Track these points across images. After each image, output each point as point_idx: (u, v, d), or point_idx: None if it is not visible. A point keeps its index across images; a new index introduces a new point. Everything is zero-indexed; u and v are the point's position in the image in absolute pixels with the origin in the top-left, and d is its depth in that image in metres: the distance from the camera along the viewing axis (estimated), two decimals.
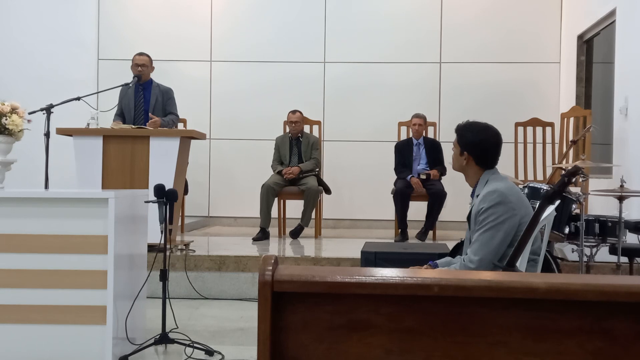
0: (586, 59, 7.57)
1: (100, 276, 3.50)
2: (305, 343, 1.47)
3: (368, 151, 8.14)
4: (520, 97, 8.05)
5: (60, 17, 8.25)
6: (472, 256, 2.98)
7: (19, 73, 8.08)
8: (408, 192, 6.75)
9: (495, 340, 1.45)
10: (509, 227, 2.95)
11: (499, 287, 1.43)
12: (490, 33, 8.12)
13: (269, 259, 1.48)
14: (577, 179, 5.17)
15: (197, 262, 5.41)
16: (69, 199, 3.59)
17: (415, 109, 7.29)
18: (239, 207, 8.18)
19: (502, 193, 2.97)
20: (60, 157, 5.86)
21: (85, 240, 3.53)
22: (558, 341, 1.44)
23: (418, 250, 4.69)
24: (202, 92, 8.31)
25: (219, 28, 8.34)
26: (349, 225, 8.18)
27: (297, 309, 1.47)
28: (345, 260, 5.38)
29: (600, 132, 6.89)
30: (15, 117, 3.94)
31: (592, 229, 4.73)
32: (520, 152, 7.20)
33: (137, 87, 6.16)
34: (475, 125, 3.14)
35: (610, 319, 1.44)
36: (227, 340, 4.17)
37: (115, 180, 5.35)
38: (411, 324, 1.46)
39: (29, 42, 8.20)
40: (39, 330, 3.53)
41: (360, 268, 1.70)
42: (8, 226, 3.54)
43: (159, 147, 5.39)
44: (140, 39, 8.06)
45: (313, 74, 8.24)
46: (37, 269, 3.53)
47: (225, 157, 8.31)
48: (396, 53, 8.18)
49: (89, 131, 5.46)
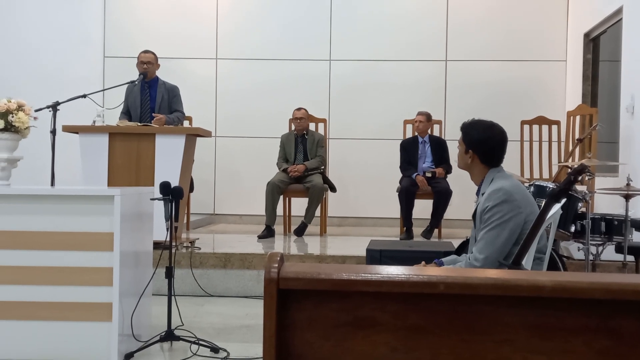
0: (592, 57, 7.55)
1: (106, 273, 3.51)
2: (311, 340, 1.47)
3: (373, 149, 8.14)
4: (526, 95, 8.03)
5: (66, 15, 8.27)
6: (477, 255, 2.97)
7: (25, 71, 8.10)
8: (413, 190, 6.74)
9: (501, 338, 1.45)
10: (515, 226, 2.95)
11: (505, 285, 1.43)
12: (497, 31, 8.10)
13: (275, 256, 1.48)
14: (583, 177, 5.16)
15: (203, 259, 5.41)
16: (75, 196, 3.59)
17: (421, 107, 7.28)
18: (244, 205, 8.19)
19: (507, 191, 2.96)
20: (66, 155, 5.87)
21: (91, 237, 3.53)
22: (564, 339, 1.44)
23: (423, 248, 4.67)
24: (207, 89, 8.31)
25: (225, 26, 8.34)
26: (354, 223, 8.17)
27: (303, 306, 1.47)
28: (350, 258, 5.38)
29: (606, 131, 6.87)
30: (21, 115, 3.94)
31: (598, 227, 4.72)
32: (526, 150, 7.19)
33: (143, 85, 6.16)
34: (480, 124, 3.13)
35: (616, 318, 1.43)
36: (232, 338, 4.17)
37: (121, 177, 5.35)
38: (417, 322, 1.46)
39: (35, 40, 8.22)
40: (45, 327, 3.54)
41: (366, 266, 1.71)
42: (14, 223, 3.55)
43: (164, 144, 5.40)
44: (146, 37, 8.07)
45: (319, 72, 8.24)
46: (43, 266, 3.54)
47: (230, 154, 8.32)
48: (402, 51, 8.16)
49: (95, 128, 5.47)
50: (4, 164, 3.95)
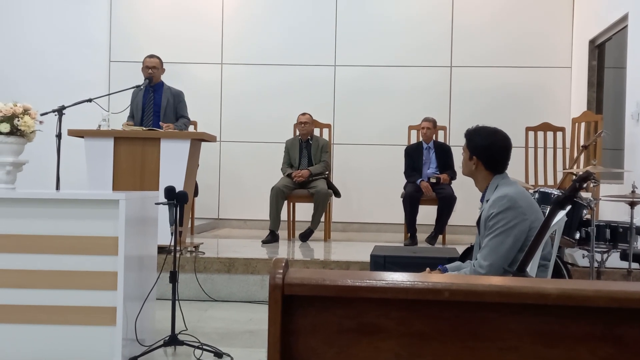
0: (598, 63, 7.54)
1: (111, 277, 3.51)
2: (315, 346, 1.47)
3: (378, 155, 8.14)
4: (531, 101, 8.03)
5: (72, 19, 8.30)
6: (482, 261, 2.97)
7: (30, 75, 8.13)
8: (418, 196, 6.74)
9: (505, 345, 1.44)
10: (519, 232, 2.94)
11: (510, 293, 1.43)
12: (502, 37, 8.11)
13: (280, 261, 1.48)
14: (588, 185, 5.15)
15: (207, 264, 5.42)
16: (80, 200, 3.60)
17: (426, 113, 7.28)
18: (248, 210, 8.20)
19: (511, 198, 2.96)
20: (71, 159, 5.88)
21: (95, 241, 3.54)
22: (569, 347, 1.43)
23: (427, 254, 4.67)
24: (212, 94, 8.33)
25: (230, 31, 8.36)
26: (358, 228, 8.17)
27: (307, 312, 1.47)
28: (354, 264, 5.38)
29: (611, 138, 6.86)
30: (27, 119, 3.96)
31: (603, 234, 4.70)
32: (531, 156, 7.18)
33: (148, 89, 6.18)
34: (484, 130, 3.13)
35: (621, 326, 1.43)
36: (236, 343, 4.17)
37: (125, 181, 5.37)
38: (421, 329, 1.46)
39: (40, 44, 8.26)
40: (49, 331, 3.54)
41: (370, 272, 1.70)
42: (19, 227, 3.56)
43: (169, 149, 5.41)
44: (151, 41, 8.09)
45: (323, 77, 8.25)
46: (48, 270, 3.54)
47: (235, 159, 8.33)
48: (407, 56, 8.17)
49: (100, 133, 5.49)
50: (9, 168, 3.97)
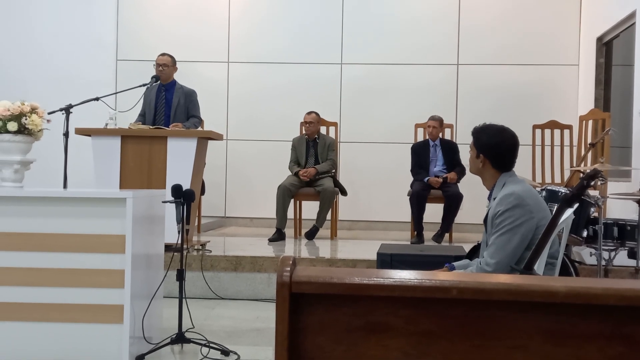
0: (605, 61, 7.51)
1: (118, 275, 3.52)
2: (323, 345, 1.47)
3: (384, 153, 8.13)
4: (538, 99, 8.00)
5: (79, 18, 8.32)
6: (488, 259, 2.96)
7: (38, 73, 8.16)
8: (424, 194, 6.73)
9: (514, 344, 1.44)
10: (526, 230, 2.94)
11: (518, 291, 1.42)
12: (509, 35, 8.08)
13: (288, 259, 1.48)
14: (595, 182, 5.13)
15: (214, 262, 5.42)
16: (87, 199, 3.61)
17: (433, 111, 7.27)
18: (255, 208, 8.20)
19: (519, 196, 2.95)
20: (78, 157, 5.90)
21: (103, 239, 3.55)
22: (578, 346, 1.43)
23: (434, 252, 4.66)
24: (219, 93, 8.33)
25: (237, 29, 8.36)
26: (365, 226, 8.17)
27: (315, 310, 1.47)
28: (361, 262, 5.37)
29: (619, 135, 6.82)
30: (34, 117, 3.97)
31: (610, 232, 4.69)
32: (538, 154, 7.16)
33: (160, 88, 6.18)
34: (491, 128, 3.13)
35: (631, 324, 1.42)
36: (242, 341, 4.18)
37: (133, 180, 5.38)
38: (429, 327, 1.46)
39: (48, 43, 8.28)
40: (57, 329, 3.56)
41: (378, 270, 1.70)
42: (27, 225, 3.57)
43: (176, 147, 5.42)
44: (158, 40, 8.10)
45: (330, 75, 8.24)
46: (55, 268, 3.56)
47: (242, 158, 8.33)
48: (413, 55, 8.16)
49: (107, 131, 5.50)
50: (17, 166, 3.98)
